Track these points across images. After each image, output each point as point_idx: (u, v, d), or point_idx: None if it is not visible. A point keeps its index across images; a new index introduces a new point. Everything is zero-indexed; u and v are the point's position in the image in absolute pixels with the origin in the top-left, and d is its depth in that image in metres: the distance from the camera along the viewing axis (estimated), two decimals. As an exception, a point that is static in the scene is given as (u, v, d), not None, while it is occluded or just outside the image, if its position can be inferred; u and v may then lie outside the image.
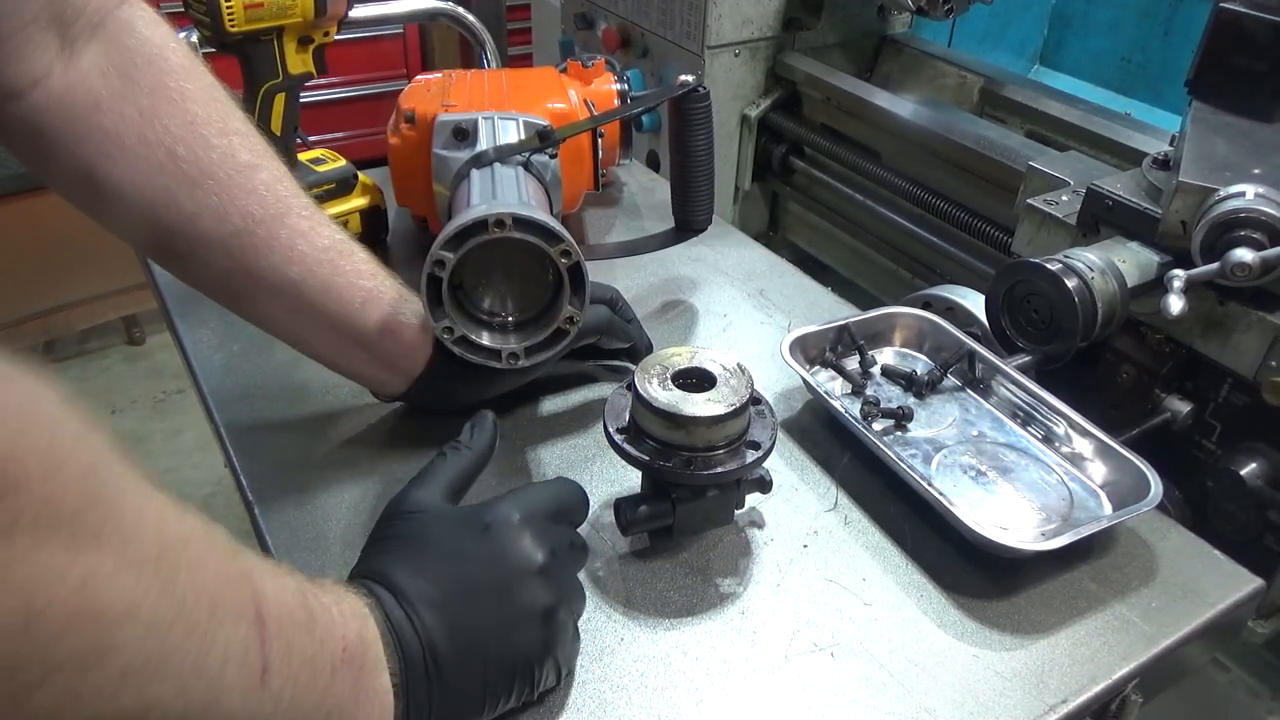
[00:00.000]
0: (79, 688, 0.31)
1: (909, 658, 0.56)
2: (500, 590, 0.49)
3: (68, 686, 0.30)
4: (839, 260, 1.64)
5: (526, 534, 0.50)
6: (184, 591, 0.34)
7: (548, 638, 0.49)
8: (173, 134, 0.59)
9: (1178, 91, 1.00)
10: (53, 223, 2.16)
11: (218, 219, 0.60)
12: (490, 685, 0.47)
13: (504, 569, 0.49)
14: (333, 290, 0.64)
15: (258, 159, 0.62)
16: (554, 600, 0.50)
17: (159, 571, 0.33)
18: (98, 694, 0.31)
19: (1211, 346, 0.83)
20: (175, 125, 0.59)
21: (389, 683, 0.44)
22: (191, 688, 0.34)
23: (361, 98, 2.91)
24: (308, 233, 0.63)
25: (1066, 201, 0.94)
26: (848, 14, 1.61)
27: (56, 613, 0.30)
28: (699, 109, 0.83)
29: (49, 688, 0.30)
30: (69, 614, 0.30)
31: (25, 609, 0.29)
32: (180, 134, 0.59)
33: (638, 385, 0.58)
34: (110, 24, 0.58)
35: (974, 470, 0.69)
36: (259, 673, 0.37)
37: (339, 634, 0.43)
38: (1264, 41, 0.86)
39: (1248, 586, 0.62)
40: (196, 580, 0.35)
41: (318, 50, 0.88)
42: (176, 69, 0.60)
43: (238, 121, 0.62)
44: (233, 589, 0.37)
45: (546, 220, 0.61)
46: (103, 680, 0.31)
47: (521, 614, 0.49)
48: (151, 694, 0.33)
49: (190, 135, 0.60)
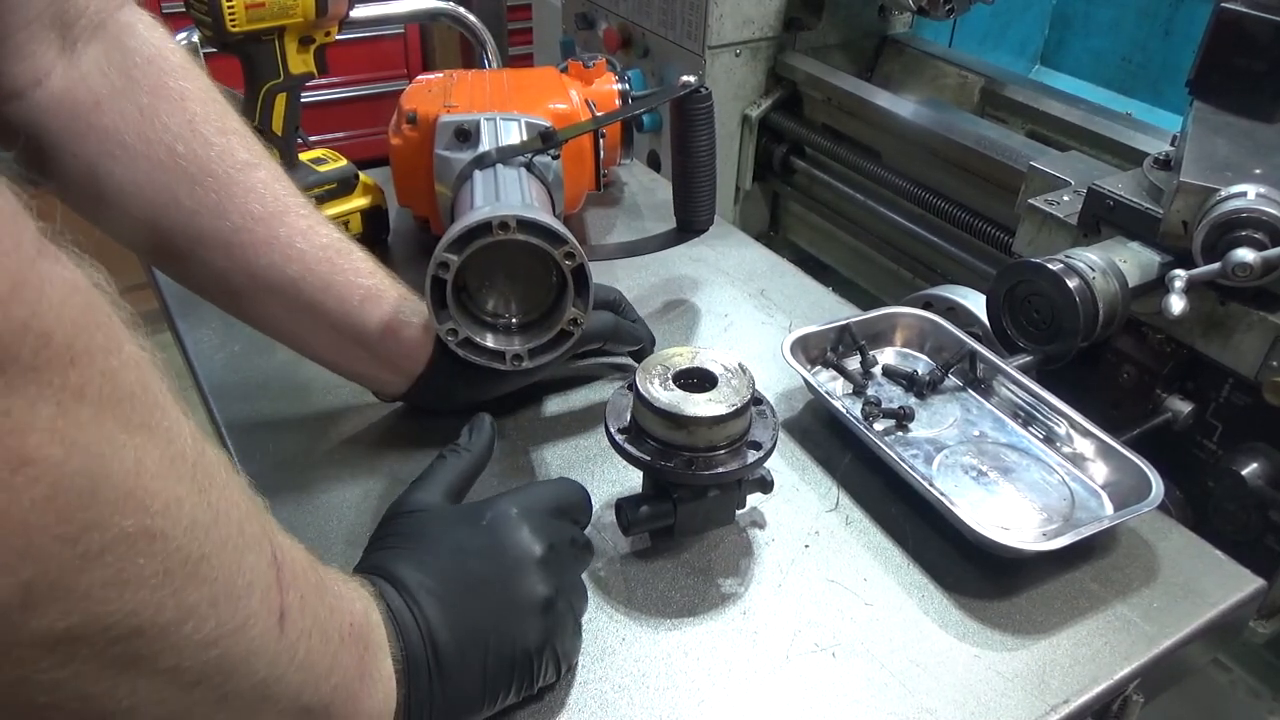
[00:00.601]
0: (128, 572, 0.30)
1: (910, 658, 0.56)
2: (499, 582, 0.49)
3: (119, 568, 0.30)
4: (840, 260, 1.64)
5: (525, 527, 0.51)
6: (217, 504, 0.34)
7: (547, 628, 0.49)
8: (172, 132, 0.59)
9: (1178, 91, 1.00)
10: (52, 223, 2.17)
11: (217, 216, 0.61)
12: (490, 678, 0.48)
13: (502, 561, 0.49)
14: (332, 288, 0.64)
15: (256, 158, 0.63)
16: (552, 592, 0.50)
17: (195, 479, 0.34)
18: (142, 584, 0.31)
19: (1213, 346, 0.83)
20: (175, 123, 0.59)
21: (392, 668, 0.44)
22: (222, 605, 0.34)
23: (362, 98, 2.91)
24: (306, 231, 0.63)
25: (1067, 202, 0.94)
26: (849, 14, 1.61)
27: (115, 485, 0.30)
28: (700, 109, 0.83)
29: (103, 564, 0.30)
30: (124, 491, 0.30)
31: (92, 474, 0.29)
32: (180, 131, 0.59)
33: (639, 385, 0.58)
34: (111, 26, 0.59)
35: (975, 470, 0.69)
36: (277, 615, 0.37)
37: (346, 608, 0.43)
38: (1265, 41, 0.87)
39: (1249, 587, 0.62)
40: (227, 498, 0.35)
41: (319, 50, 0.88)
42: (176, 69, 0.61)
43: (235, 122, 0.63)
44: (253, 523, 0.37)
45: (550, 222, 0.61)
46: (149, 571, 0.31)
47: (520, 605, 0.49)
48: (189, 599, 0.33)
49: (190, 133, 0.60)
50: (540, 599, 0.49)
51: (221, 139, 0.61)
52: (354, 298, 0.64)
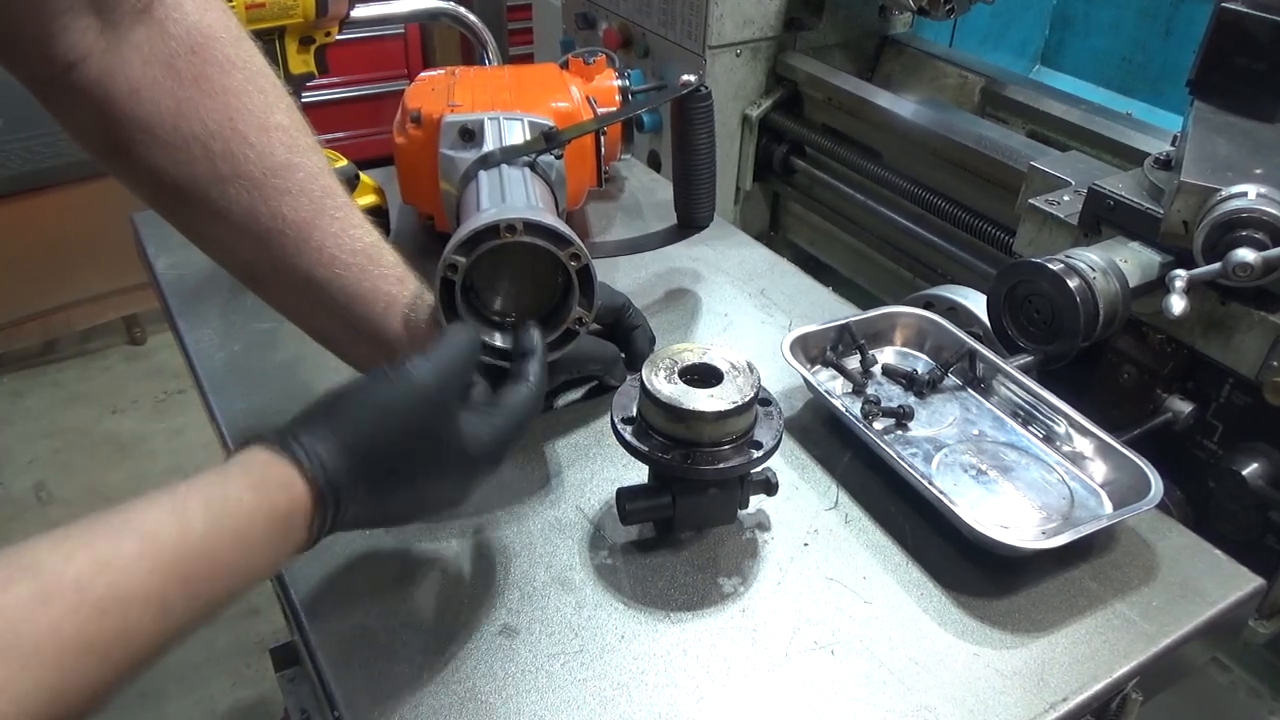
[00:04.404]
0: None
1: (909, 656, 0.56)
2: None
3: None
4: (840, 260, 1.64)
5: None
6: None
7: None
8: (209, 129, 0.58)
9: (1179, 91, 1.00)
10: (53, 223, 2.17)
11: (249, 216, 0.60)
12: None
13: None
14: (357, 296, 0.63)
15: (295, 156, 0.61)
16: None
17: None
18: None
19: (1213, 347, 0.83)
20: (212, 121, 0.58)
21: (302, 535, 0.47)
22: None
23: (363, 98, 2.91)
24: (339, 234, 0.62)
25: (1068, 202, 0.94)
26: (849, 14, 1.61)
27: None
28: (701, 108, 0.83)
29: None
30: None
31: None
32: (217, 129, 0.58)
33: (644, 378, 0.59)
34: (157, 9, 0.58)
35: (974, 469, 0.69)
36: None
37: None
38: (1265, 41, 0.87)
39: (1248, 586, 0.62)
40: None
41: (319, 50, 0.88)
42: (221, 60, 0.59)
43: (280, 114, 0.61)
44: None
45: (556, 224, 0.62)
46: None
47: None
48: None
49: (229, 131, 0.59)
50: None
51: (262, 137, 0.60)
52: (378, 305, 0.64)
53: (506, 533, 0.65)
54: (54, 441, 2.22)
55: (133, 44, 0.57)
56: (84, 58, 0.56)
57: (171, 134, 0.58)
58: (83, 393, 2.38)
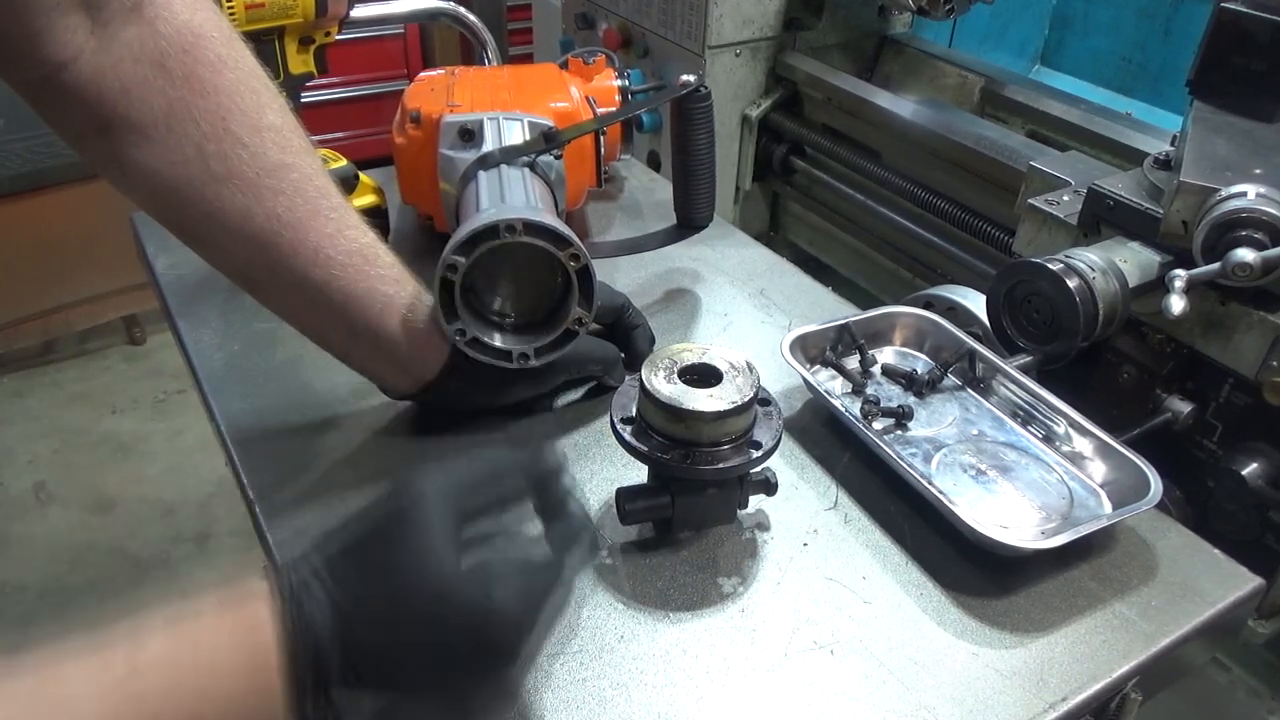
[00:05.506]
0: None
1: (909, 655, 0.56)
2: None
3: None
4: (840, 260, 1.64)
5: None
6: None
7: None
8: (202, 130, 0.58)
9: (1178, 91, 1.00)
10: (53, 223, 2.17)
11: (243, 218, 0.60)
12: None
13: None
14: (354, 297, 0.63)
15: (289, 156, 0.61)
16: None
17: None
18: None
19: (1213, 346, 0.83)
20: (205, 121, 0.58)
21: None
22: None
23: (362, 98, 2.91)
24: (334, 235, 0.62)
25: (1067, 201, 0.94)
26: (848, 14, 1.61)
27: None
28: (700, 108, 0.83)
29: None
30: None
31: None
32: (209, 130, 0.58)
33: (644, 377, 0.59)
34: (147, 8, 0.57)
35: (974, 469, 0.69)
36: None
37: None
38: (1265, 41, 0.87)
39: (1247, 586, 0.62)
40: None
41: (319, 50, 0.88)
42: (212, 60, 0.59)
43: (273, 114, 0.61)
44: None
45: (555, 225, 0.62)
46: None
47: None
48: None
49: (220, 132, 0.58)
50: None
51: (255, 138, 0.60)
52: (375, 306, 0.64)
53: (506, 533, 0.65)
54: (54, 441, 2.22)
55: (123, 43, 0.57)
56: (74, 57, 0.55)
57: (164, 134, 0.58)
58: (82, 393, 2.38)
